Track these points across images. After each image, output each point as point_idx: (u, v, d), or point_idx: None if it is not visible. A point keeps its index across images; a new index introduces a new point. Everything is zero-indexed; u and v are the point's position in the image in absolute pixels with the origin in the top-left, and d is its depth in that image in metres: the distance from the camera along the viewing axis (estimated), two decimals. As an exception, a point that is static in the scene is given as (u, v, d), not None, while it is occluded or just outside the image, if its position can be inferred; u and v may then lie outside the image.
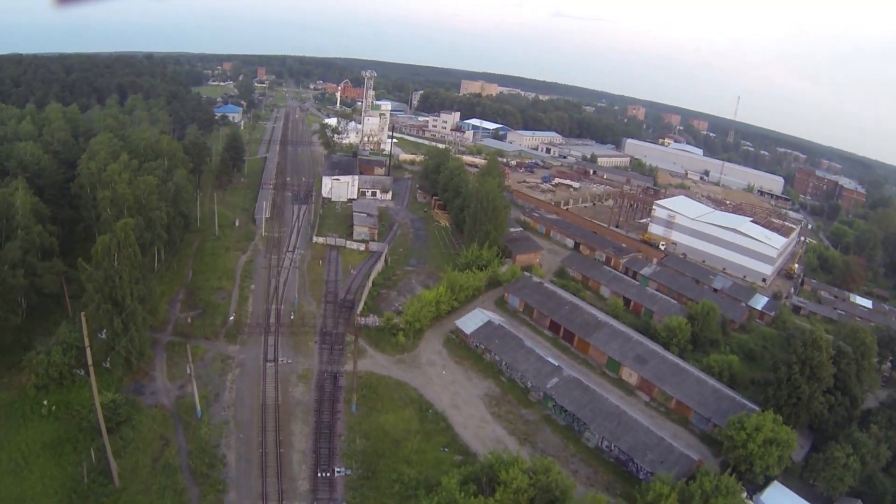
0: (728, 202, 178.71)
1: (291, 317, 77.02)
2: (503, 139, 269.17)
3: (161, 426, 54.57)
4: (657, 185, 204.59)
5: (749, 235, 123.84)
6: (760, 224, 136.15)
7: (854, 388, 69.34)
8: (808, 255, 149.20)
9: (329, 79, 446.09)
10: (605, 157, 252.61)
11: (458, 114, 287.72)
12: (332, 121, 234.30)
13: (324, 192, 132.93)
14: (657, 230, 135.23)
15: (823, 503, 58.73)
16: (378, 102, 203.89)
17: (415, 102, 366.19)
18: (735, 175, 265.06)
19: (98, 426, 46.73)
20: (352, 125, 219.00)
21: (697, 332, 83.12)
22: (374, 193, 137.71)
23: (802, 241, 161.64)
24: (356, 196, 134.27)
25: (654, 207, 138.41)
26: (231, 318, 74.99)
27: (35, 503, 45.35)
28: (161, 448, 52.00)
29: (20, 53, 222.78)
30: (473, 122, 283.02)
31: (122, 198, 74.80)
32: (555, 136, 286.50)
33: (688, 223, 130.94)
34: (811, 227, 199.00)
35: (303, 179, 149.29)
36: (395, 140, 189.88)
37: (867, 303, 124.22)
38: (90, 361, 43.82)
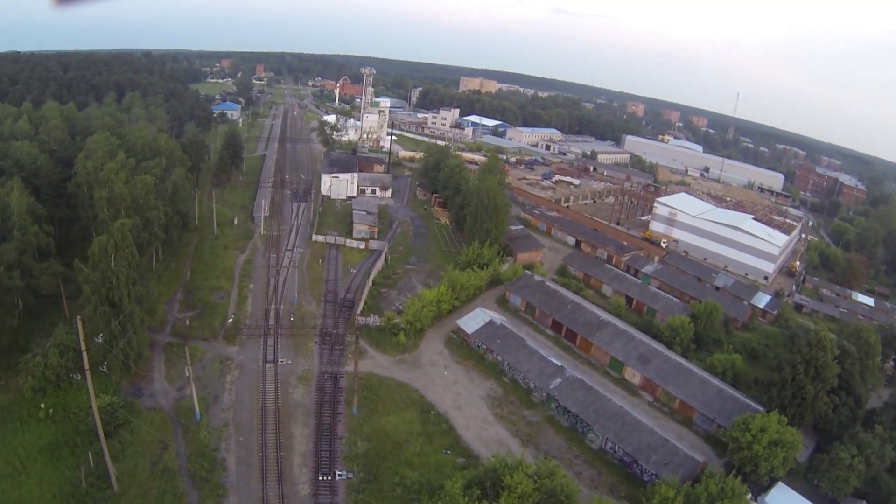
0: (729, 199, 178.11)
1: (291, 317, 76.28)
2: (502, 136, 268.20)
3: (160, 429, 53.84)
4: (657, 182, 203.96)
5: (751, 233, 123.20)
6: (762, 221, 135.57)
7: (858, 388, 68.90)
8: (810, 253, 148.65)
9: (328, 76, 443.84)
10: (605, 154, 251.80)
11: (458, 110, 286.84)
12: (331, 118, 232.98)
13: (323, 190, 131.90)
14: (658, 227, 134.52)
15: (828, 504, 58.37)
16: (377, 99, 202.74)
17: (414, 99, 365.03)
18: (735, 172, 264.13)
19: (96, 429, 46.08)
20: (351, 122, 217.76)
21: (700, 332, 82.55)
22: (374, 191, 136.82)
23: (804, 239, 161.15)
24: (356, 194, 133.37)
25: (656, 204, 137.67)
26: (230, 319, 74.23)
27: (33, 509, 44.65)
28: (160, 452, 51.31)
29: (17, 51, 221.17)
30: (473, 119, 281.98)
31: (119, 197, 73.96)
32: (554, 133, 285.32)
33: (689, 220, 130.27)
34: (812, 224, 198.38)
35: (302, 177, 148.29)
36: (395, 137, 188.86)
37: (869, 301, 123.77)
38: (87, 366, 43.09)
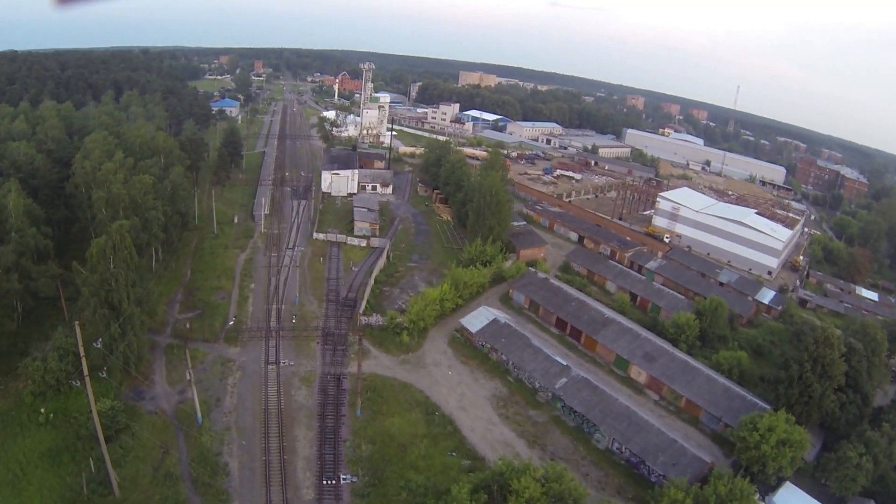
0: (731, 193, 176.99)
1: (293, 318, 75.48)
2: (503, 130, 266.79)
3: (161, 434, 53.26)
4: (659, 176, 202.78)
5: (754, 228, 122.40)
6: (765, 216, 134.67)
7: (865, 386, 68.34)
8: (813, 247, 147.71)
9: (327, 71, 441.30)
10: (606, 148, 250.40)
11: (458, 105, 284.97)
12: (331, 114, 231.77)
13: (323, 187, 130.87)
14: (661, 222, 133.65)
15: (836, 504, 57.85)
16: (376, 94, 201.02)
17: (413, 94, 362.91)
18: (737, 165, 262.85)
19: (97, 434, 45.46)
20: (350, 118, 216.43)
21: (706, 328, 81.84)
22: (375, 187, 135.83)
23: (807, 233, 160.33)
24: (356, 190, 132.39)
25: (659, 199, 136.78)
26: (231, 320, 73.48)
27: (33, 516, 44.15)
28: (161, 456, 50.72)
29: (15, 50, 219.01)
30: (473, 114, 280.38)
31: (118, 198, 73.04)
32: (555, 127, 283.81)
33: (692, 215, 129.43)
34: (814, 218, 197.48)
35: (302, 174, 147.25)
36: (395, 132, 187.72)
37: (873, 295, 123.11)
38: (86, 372, 42.41)
